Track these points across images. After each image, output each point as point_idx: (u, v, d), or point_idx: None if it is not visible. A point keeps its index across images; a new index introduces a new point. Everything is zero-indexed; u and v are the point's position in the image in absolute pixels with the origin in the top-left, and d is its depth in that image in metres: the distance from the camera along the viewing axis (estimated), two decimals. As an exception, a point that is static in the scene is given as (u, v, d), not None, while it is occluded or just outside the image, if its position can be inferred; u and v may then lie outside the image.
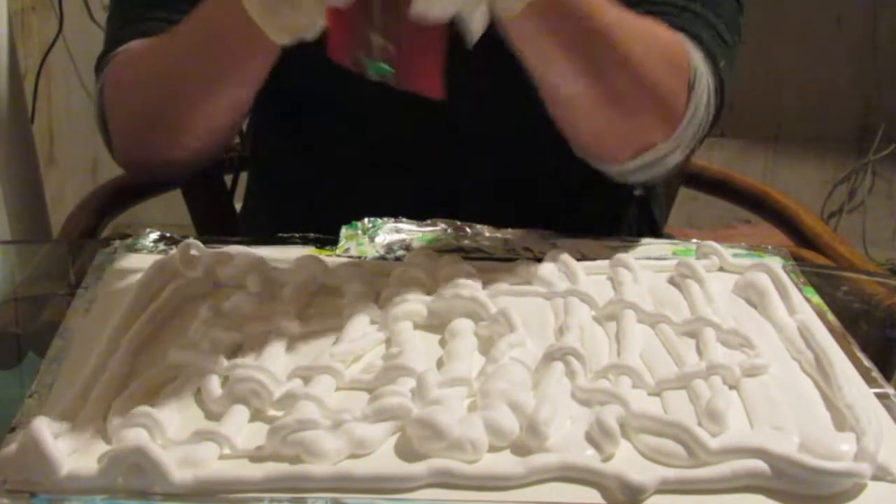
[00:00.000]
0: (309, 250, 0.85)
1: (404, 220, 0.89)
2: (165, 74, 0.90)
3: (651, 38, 0.87)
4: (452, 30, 0.77)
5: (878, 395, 0.66)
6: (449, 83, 0.83)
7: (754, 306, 0.77)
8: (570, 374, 0.66)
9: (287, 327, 0.71)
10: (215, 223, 1.28)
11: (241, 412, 0.61)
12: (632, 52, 0.84)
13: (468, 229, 0.89)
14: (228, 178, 1.33)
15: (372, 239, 0.87)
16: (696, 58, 0.89)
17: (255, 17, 0.75)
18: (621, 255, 0.81)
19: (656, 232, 1.12)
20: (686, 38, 0.90)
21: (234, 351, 0.69)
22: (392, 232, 0.88)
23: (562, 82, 0.85)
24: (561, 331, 0.72)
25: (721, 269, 0.83)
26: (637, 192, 1.10)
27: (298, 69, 0.99)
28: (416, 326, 0.73)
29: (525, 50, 0.83)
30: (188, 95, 0.89)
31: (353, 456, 0.58)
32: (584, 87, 0.85)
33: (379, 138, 1.01)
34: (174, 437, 0.59)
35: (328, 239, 0.87)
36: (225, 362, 0.66)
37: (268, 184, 1.13)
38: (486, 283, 0.77)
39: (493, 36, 0.94)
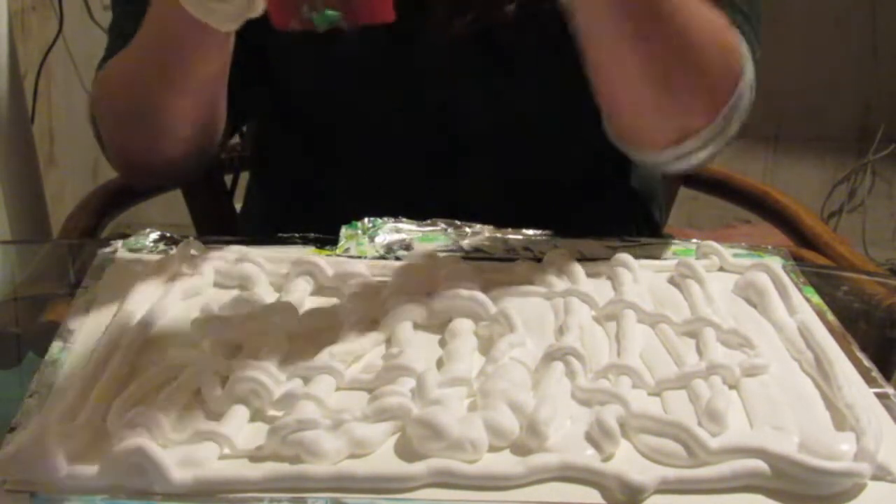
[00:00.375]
0: (309, 250, 0.85)
1: (404, 220, 0.89)
2: (134, 77, 0.91)
3: (709, 20, 0.86)
4: (455, 31, 0.77)
5: (878, 395, 0.66)
6: (451, 83, 0.84)
7: (754, 306, 0.77)
8: (570, 374, 0.66)
9: (287, 327, 0.71)
10: (215, 223, 1.28)
11: (241, 412, 0.61)
12: (691, 30, 0.84)
13: (468, 229, 0.89)
14: (228, 178, 1.33)
15: (372, 239, 0.87)
16: (744, 47, 0.89)
17: (191, 10, 0.75)
18: (621, 255, 0.81)
19: (656, 232, 1.12)
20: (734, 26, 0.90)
21: (234, 351, 0.69)
22: (392, 232, 0.88)
23: (618, 53, 0.84)
24: (561, 331, 0.72)
25: (721, 269, 0.83)
26: (638, 193, 1.10)
27: (299, 69, 1.00)
28: (416, 326, 0.73)
29: (584, 17, 0.82)
30: (155, 94, 0.89)
31: (353, 456, 0.58)
32: (640, 61, 0.84)
33: (379, 138, 1.01)
34: (174, 437, 0.59)
35: (328, 239, 0.87)
36: (225, 362, 0.66)
37: (268, 184, 1.13)
38: (486, 283, 0.77)
39: (496, 37, 0.94)
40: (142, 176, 1.03)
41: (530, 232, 0.89)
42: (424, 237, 0.88)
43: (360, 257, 0.84)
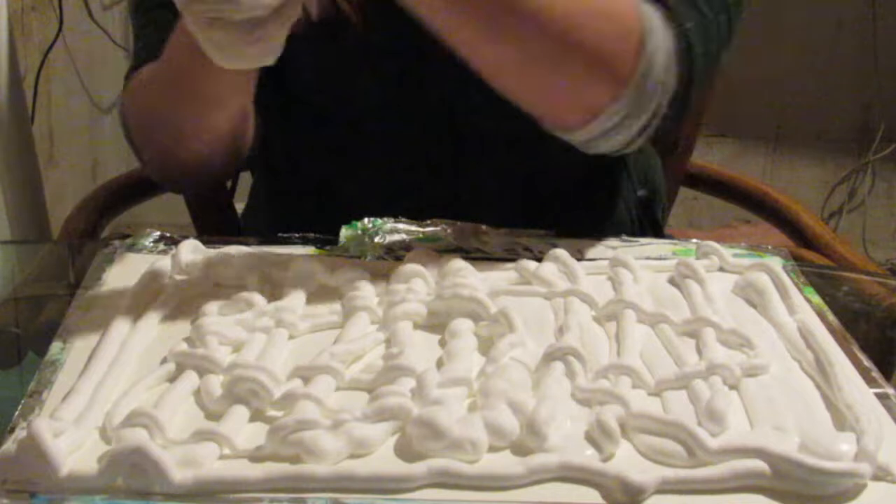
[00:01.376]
0: (309, 250, 0.85)
1: (404, 220, 0.89)
2: (158, 97, 0.92)
3: None
4: None
5: (878, 395, 0.66)
6: (453, 84, 0.84)
7: (754, 306, 0.77)
8: (570, 374, 0.66)
9: (287, 327, 0.71)
10: (215, 223, 1.28)
11: (241, 412, 0.61)
12: (553, 12, 0.81)
13: (468, 229, 0.89)
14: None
15: (372, 239, 0.87)
16: (652, 18, 0.85)
17: (205, 50, 0.75)
18: (621, 255, 0.81)
19: (658, 232, 1.12)
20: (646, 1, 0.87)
21: (235, 351, 0.69)
22: (392, 232, 0.88)
23: (471, 50, 0.83)
24: (561, 331, 0.71)
25: (721, 269, 0.83)
26: (640, 193, 1.10)
27: (304, 71, 1.00)
28: (416, 326, 0.73)
29: (423, 19, 0.80)
30: (186, 111, 0.90)
31: (353, 456, 0.58)
32: (498, 53, 0.83)
33: (381, 138, 1.01)
34: (174, 437, 0.59)
35: (328, 239, 0.87)
36: (225, 362, 0.66)
37: (270, 183, 1.13)
38: (485, 283, 0.77)
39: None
40: (172, 180, 1.04)
41: (531, 232, 0.89)
42: (424, 237, 0.88)
43: (360, 257, 0.84)
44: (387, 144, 1.01)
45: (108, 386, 0.64)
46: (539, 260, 0.82)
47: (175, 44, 0.85)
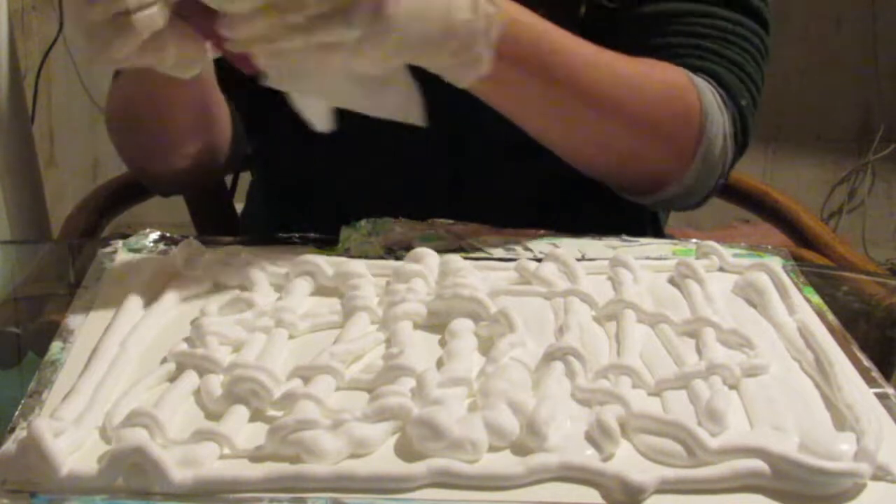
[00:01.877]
0: (309, 250, 0.85)
1: (404, 220, 0.89)
2: (128, 98, 0.95)
3: (644, 83, 0.89)
4: None
5: (878, 395, 0.66)
6: (452, 85, 0.84)
7: (754, 306, 0.77)
8: (570, 374, 0.66)
9: (287, 327, 0.71)
10: (215, 223, 1.28)
11: (241, 412, 0.61)
12: (614, 100, 0.87)
13: (468, 229, 0.89)
14: (228, 178, 1.33)
15: (372, 239, 0.87)
16: (709, 101, 0.90)
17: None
18: (621, 255, 0.81)
19: (658, 232, 1.12)
20: (703, 79, 0.91)
21: (235, 351, 0.69)
22: (392, 232, 0.88)
23: (541, 134, 0.89)
24: (561, 331, 0.71)
25: (721, 269, 0.83)
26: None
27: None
28: (416, 326, 0.73)
29: (493, 105, 0.86)
30: (146, 114, 0.93)
31: (353, 456, 0.58)
32: (561, 137, 0.89)
33: (381, 140, 1.01)
34: (174, 437, 0.59)
35: (328, 239, 0.87)
36: (225, 362, 0.66)
37: (270, 184, 1.13)
38: (485, 283, 0.77)
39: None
40: (152, 182, 1.05)
41: (531, 232, 0.89)
42: (424, 237, 0.88)
43: (360, 257, 0.84)
44: (387, 145, 1.01)
45: (108, 386, 0.64)
46: (539, 260, 0.82)
47: None
